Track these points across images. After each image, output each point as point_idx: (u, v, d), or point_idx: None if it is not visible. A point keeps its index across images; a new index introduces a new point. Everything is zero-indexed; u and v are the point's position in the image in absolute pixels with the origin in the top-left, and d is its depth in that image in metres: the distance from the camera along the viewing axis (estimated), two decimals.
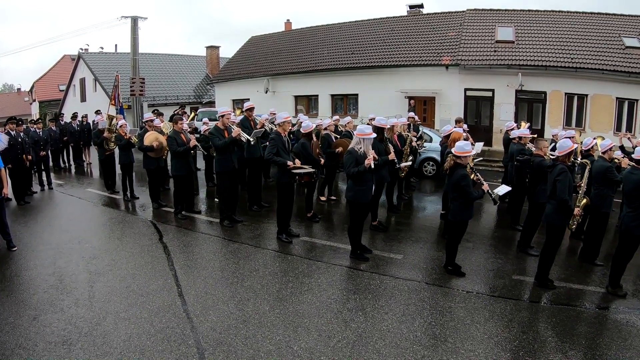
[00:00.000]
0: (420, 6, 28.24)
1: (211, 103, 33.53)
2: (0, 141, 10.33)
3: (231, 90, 30.23)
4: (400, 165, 9.96)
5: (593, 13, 22.92)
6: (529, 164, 8.53)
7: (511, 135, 10.59)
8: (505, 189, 7.53)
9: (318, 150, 9.87)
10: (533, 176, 8.33)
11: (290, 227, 9.10)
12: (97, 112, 17.53)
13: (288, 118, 8.82)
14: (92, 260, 7.96)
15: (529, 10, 24.09)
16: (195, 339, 5.42)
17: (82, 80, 36.40)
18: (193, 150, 10.59)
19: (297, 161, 8.86)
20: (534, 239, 8.48)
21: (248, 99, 24.68)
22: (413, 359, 5.10)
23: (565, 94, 19.95)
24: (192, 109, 26.60)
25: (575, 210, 7.16)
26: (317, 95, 26.50)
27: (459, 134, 8.73)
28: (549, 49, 20.59)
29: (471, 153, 7.08)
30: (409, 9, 28.50)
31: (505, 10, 24.56)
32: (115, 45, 49.37)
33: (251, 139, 9.75)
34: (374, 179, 7.68)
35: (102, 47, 39.91)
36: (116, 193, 12.85)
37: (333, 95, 26.08)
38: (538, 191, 8.10)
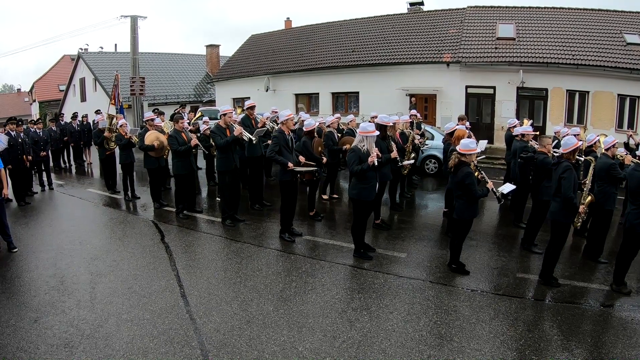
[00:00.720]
0: (421, 3, 28.13)
1: (211, 102, 33.47)
2: (0, 142, 10.28)
3: (232, 89, 30.17)
4: (403, 163, 9.92)
5: (594, 10, 22.81)
6: (533, 161, 8.48)
7: (514, 132, 10.54)
8: (509, 187, 7.48)
9: (320, 149, 9.82)
10: (537, 173, 8.28)
11: (292, 226, 9.05)
12: (97, 112, 17.47)
13: (290, 116, 8.76)
14: (94, 261, 7.93)
15: (530, 7, 23.98)
16: (198, 340, 5.39)
17: (82, 80, 36.32)
18: (194, 150, 10.54)
19: (302, 158, 8.83)
20: (537, 236, 8.44)
21: (249, 97, 24.66)
22: (419, 359, 5.06)
23: (567, 90, 19.86)
24: (193, 108, 26.48)
25: (580, 208, 7.10)
26: (318, 93, 26.43)
27: (464, 132, 8.68)
28: (550, 45, 20.50)
29: (476, 151, 7.03)
30: (409, 6, 28.38)
31: (506, 7, 24.47)
32: (115, 44, 49.42)
33: (253, 138, 9.71)
34: (377, 176, 7.64)
35: (102, 47, 39.78)
36: (117, 193, 12.81)
37: (334, 93, 26.00)
38: (542, 188, 8.05)
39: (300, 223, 9.74)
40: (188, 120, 13.76)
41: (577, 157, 7.60)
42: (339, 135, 11.47)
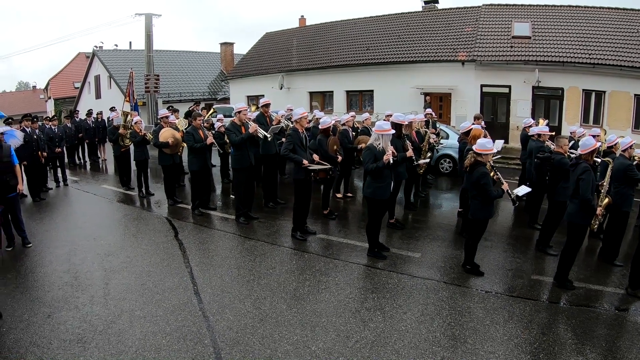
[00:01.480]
0: (436, 1, 28.01)
1: (226, 99, 33.54)
2: (16, 138, 10.35)
3: (246, 87, 30.25)
4: (419, 162, 9.86)
5: (611, 8, 22.48)
6: (549, 162, 8.39)
7: (530, 132, 10.43)
8: (525, 189, 7.41)
9: (336, 147, 9.78)
10: (553, 174, 8.18)
11: (306, 225, 9.03)
12: (112, 109, 17.61)
13: (305, 114, 8.74)
14: (107, 257, 7.97)
15: (546, 5, 23.73)
16: (211, 338, 5.38)
17: (97, 78, 36.57)
18: (211, 147, 10.55)
19: (316, 156, 8.80)
20: (552, 238, 8.34)
21: (263, 95, 24.64)
22: None
23: (583, 90, 19.61)
24: (207, 105, 26.55)
25: (598, 210, 6.99)
26: (332, 91, 26.41)
27: (480, 131, 8.60)
28: (566, 44, 20.27)
29: (493, 151, 6.96)
30: (424, 4, 28.28)
31: (522, 5, 24.23)
32: (130, 42, 49.58)
33: (268, 135, 9.71)
34: (392, 175, 7.60)
35: (117, 45, 40.09)
36: (131, 189, 12.88)
37: (348, 92, 25.97)
38: (558, 189, 7.95)
39: (314, 221, 9.71)
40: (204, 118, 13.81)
41: (595, 159, 7.50)
42: (354, 133, 11.42)
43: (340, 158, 9.87)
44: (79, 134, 17.36)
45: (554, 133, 10.45)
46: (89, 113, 18.30)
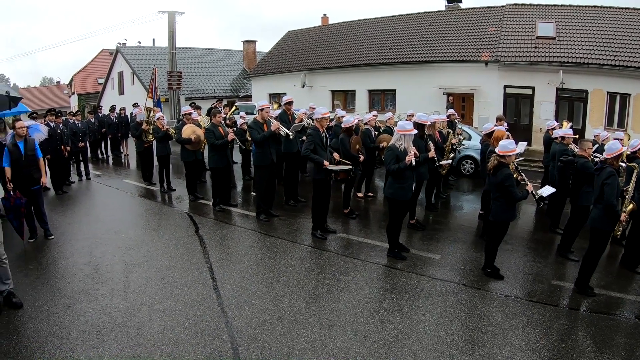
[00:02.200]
0: (459, 1, 27.86)
1: (248, 97, 33.68)
2: (40, 132, 10.49)
3: (268, 85, 30.37)
4: (441, 163, 9.81)
5: (637, 9, 22.05)
6: (573, 166, 8.27)
7: (553, 134, 10.30)
8: (549, 190, 7.31)
9: (358, 147, 9.75)
10: (576, 178, 8.04)
11: (326, 224, 9.03)
12: (135, 105, 17.77)
13: (327, 114, 8.69)
14: (128, 250, 8.05)
15: (570, 6, 23.41)
16: (229, 334, 5.41)
17: (120, 74, 37.00)
18: (230, 144, 10.60)
19: (336, 155, 8.79)
20: (574, 243, 8.22)
21: (285, 93, 24.69)
22: None
23: (607, 92, 19.35)
24: (229, 102, 26.69)
25: (622, 216, 6.86)
26: (354, 90, 26.40)
27: (503, 133, 8.50)
28: (590, 45, 19.98)
29: (515, 152, 6.89)
30: (447, 3, 28.17)
31: (546, 5, 23.97)
32: (153, 39, 50.31)
33: (290, 133, 9.73)
34: (414, 176, 7.57)
35: (140, 42, 40.44)
36: (153, 184, 13.00)
37: (370, 91, 25.95)
38: (581, 194, 7.82)
39: (335, 220, 9.72)
40: (224, 115, 13.86)
41: (620, 164, 7.38)
42: (376, 133, 11.39)
43: (362, 157, 9.82)
44: (102, 129, 17.60)
45: (577, 136, 10.31)
46: (112, 109, 18.52)
